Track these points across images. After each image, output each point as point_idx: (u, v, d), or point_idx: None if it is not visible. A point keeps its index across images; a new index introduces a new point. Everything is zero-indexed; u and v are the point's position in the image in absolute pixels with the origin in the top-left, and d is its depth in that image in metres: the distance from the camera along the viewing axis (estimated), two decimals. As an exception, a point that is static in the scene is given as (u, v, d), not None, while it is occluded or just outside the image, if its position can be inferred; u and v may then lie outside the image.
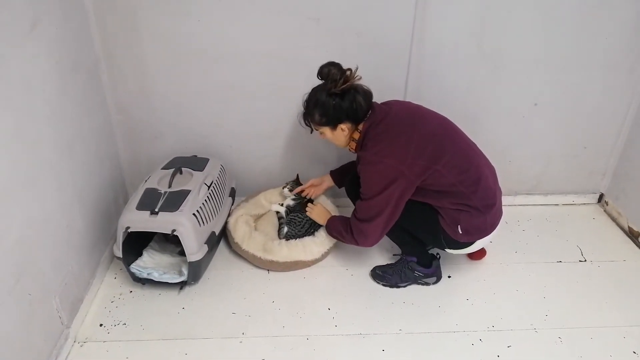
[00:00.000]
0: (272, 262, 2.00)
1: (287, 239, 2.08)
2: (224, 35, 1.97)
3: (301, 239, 2.05)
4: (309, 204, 2.13)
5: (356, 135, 1.78)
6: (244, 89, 2.11)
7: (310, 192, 2.20)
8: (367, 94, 1.74)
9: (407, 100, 2.15)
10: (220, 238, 2.10)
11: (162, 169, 2.05)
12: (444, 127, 1.77)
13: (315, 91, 1.75)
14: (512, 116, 2.27)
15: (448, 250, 1.86)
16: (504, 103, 2.24)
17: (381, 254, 2.14)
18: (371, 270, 2.03)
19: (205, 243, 1.88)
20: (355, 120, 1.75)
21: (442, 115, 1.81)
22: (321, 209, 2.08)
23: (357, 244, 1.82)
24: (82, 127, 1.84)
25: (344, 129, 1.76)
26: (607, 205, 2.50)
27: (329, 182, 2.19)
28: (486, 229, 1.78)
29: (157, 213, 1.78)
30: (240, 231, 2.07)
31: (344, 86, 1.67)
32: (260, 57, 2.03)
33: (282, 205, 2.28)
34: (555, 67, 2.14)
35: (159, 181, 1.96)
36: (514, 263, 2.11)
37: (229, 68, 2.05)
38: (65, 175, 1.70)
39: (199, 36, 1.97)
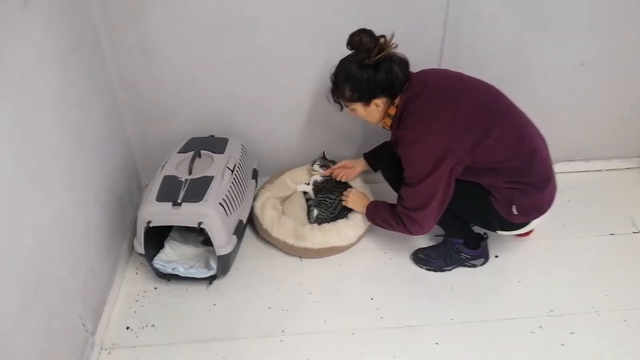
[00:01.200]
0: (305, 249, 1.84)
1: (319, 223, 1.91)
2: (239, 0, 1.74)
3: (334, 223, 1.89)
4: (345, 191, 1.95)
5: (392, 111, 1.59)
6: (262, 61, 1.89)
7: (341, 174, 2.02)
8: (404, 63, 1.53)
9: (442, 67, 1.96)
10: (247, 225, 1.93)
11: (178, 152, 1.86)
12: (490, 94, 1.58)
13: (344, 63, 1.55)
14: (557, 78, 2.07)
15: (499, 232, 1.70)
16: (550, 64, 2.03)
17: (422, 235, 1.98)
18: (412, 254, 1.88)
19: (233, 234, 1.71)
20: (391, 95, 1.55)
21: (485, 82, 1.61)
22: (357, 195, 1.91)
23: (410, 234, 1.65)
24: (89, 111, 1.64)
25: (378, 105, 1.56)
26: (655, 168, 2.33)
27: (362, 165, 2.00)
28: (543, 206, 1.61)
29: (180, 204, 1.61)
30: (268, 216, 1.90)
31: (378, 56, 1.46)
32: (280, 23, 1.80)
33: (308, 184, 2.10)
34: (606, 21, 1.92)
35: (177, 167, 1.77)
36: (563, 238, 1.96)
37: (245, 37, 1.82)
38: (76, 167, 1.51)
39: (212, 1, 1.73)
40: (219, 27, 1.79)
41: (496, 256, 1.88)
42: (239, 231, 1.75)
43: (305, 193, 2.09)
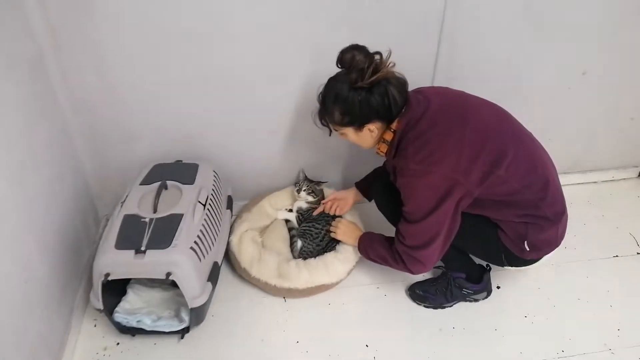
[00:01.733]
0: (289, 289, 1.64)
1: (304, 258, 1.71)
2: (209, 6, 1.50)
3: (322, 257, 1.69)
4: (335, 220, 1.75)
5: (388, 136, 1.40)
6: (236, 75, 1.66)
7: (333, 207, 1.81)
8: (402, 85, 1.34)
9: (436, 81, 1.78)
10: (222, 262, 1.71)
11: (141, 184, 1.62)
12: (498, 116, 1.41)
13: (334, 83, 1.34)
14: (557, 88, 1.93)
15: (507, 268, 1.54)
16: (550, 74, 1.88)
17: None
18: (409, 289, 1.70)
19: (208, 280, 1.49)
20: (387, 119, 1.36)
21: (490, 102, 1.43)
22: (347, 226, 1.71)
23: (411, 273, 1.47)
24: (31, 141, 1.38)
25: (372, 130, 1.37)
26: (656, 180, 2.23)
27: (355, 195, 1.80)
28: (557, 240, 1.46)
29: (143, 252, 1.37)
30: (247, 253, 1.69)
31: (372, 78, 1.26)
32: (257, 33, 1.58)
33: (290, 210, 1.90)
34: (609, 29, 1.79)
35: (140, 203, 1.53)
36: (567, 262, 1.82)
37: (217, 49, 1.59)
38: (17, 212, 1.26)
39: (176, 9, 1.49)
40: (185, 39, 1.55)
41: (498, 287, 1.72)
42: (214, 275, 1.53)
43: (287, 221, 1.87)
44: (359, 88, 1.29)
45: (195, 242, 1.44)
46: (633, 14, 1.76)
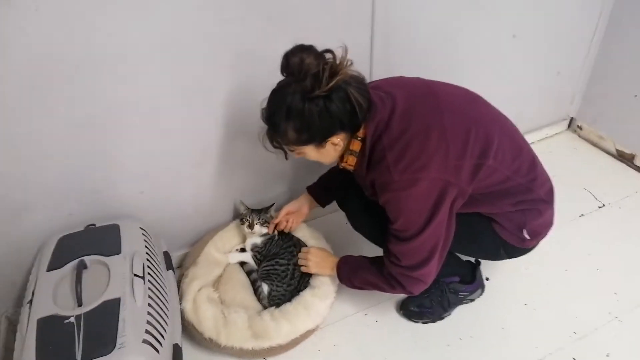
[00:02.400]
0: (270, 349, 1.35)
1: (277, 305, 1.43)
2: (90, 30, 1.13)
3: (298, 298, 1.42)
4: (302, 251, 1.49)
5: (356, 146, 1.16)
6: (142, 104, 1.31)
7: (288, 225, 1.55)
8: (362, 84, 1.10)
9: (374, 63, 1.58)
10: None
11: (48, 270, 1.22)
12: (470, 98, 1.24)
13: (282, 95, 1.07)
14: (492, 56, 1.84)
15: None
16: (484, 42, 1.77)
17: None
18: (401, 308, 1.50)
19: (173, 372, 1.16)
20: (352, 128, 1.13)
21: (451, 84, 1.26)
22: (319, 254, 1.47)
23: (412, 294, 1.26)
24: None
25: (336, 143, 1.13)
26: (581, 130, 2.25)
27: (309, 203, 1.54)
28: (552, 220, 1.34)
29: (81, 367, 1.01)
30: (207, 319, 1.36)
31: (331, 83, 1.01)
32: (158, 49, 1.24)
33: (242, 250, 1.60)
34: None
35: (56, 297, 1.15)
36: (541, 234, 1.74)
37: (111, 77, 1.22)
38: None
39: (47, 35, 1.10)
40: (68, 68, 1.17)
41: (487, 279, 1.59)
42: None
43: (243, 264, 1.57)
44: (314, 97, 1.03)
45: (147, 331, 1.10)
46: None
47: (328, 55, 1.03)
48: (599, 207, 1.86)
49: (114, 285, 1.16)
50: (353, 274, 1.34)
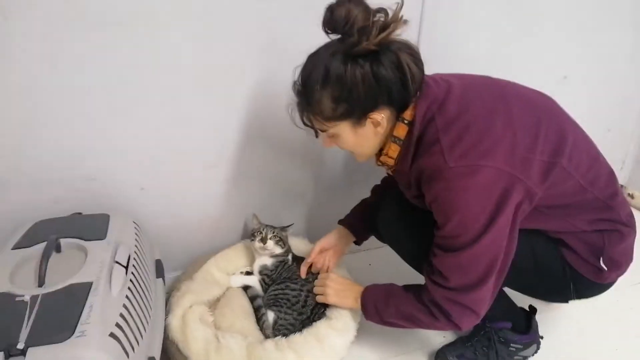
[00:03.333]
0: (271, 386, 1.06)
1: (284, 335, 1.15)
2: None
3: (310, 329, 1.15)
4: (320, 277, 1.24)
5: (401, 131, 0.98)
6: (157, 78, 1.17)
7: (325, 263, 1.30)
8: (416, 52, 0.94)
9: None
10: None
11: (14, 248, 1.00)
12: (544, 96, 1.05)
13: (320, 56, 0.92)
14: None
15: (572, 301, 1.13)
16: (532, 78, 1.64)
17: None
18: (437, 357, 1.20)
19: (142, 390, 0.88)
20: (400, 103, 0.95)
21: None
22: (340, 282, 1.21)
23: (458, 329, 0.99)
24: None
25: (378, 122, 0.95)
26: (632, 198, 2.03)
27: (345, 237, 1.30)
28: (632, 252, 1.09)
29: (22, 352, 0.75)
30: (197, 340, 1.09)
31: (381, 36, 0.86)
32: (185, 14, 1.13)
33: (248, 273, 1.35)
34: (587, 28, 1.63)
35: (15, 275, 0.92)
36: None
37: (129, 37, 1.10)
38: None
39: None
40: (84, 24, 1.05)
41: (541, 337, 1.29)
42: (151, 380, 0.92)
43: (246, 288, 1.31)
44: (358, 57, 0.88)
45: (117, 324, 0.84)
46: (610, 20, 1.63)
47: (379, 14, 0.89)
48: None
49: (87, 270, 0.93)
50: (383, 305, 1.08)
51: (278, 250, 1.31)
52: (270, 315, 1.20)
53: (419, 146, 0.96)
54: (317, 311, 1.21)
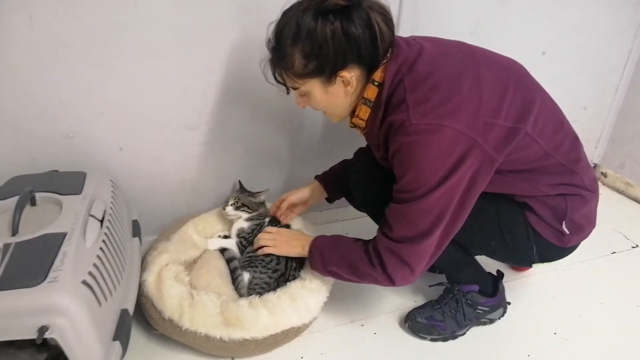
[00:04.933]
0: (243, 341, 1.08)
1: (258, 294, 1.17)
2: None
3: (284, 289, 1.17)
4: (266, 231, 1.27)
5: (371, 93, 0.99)
6: (136, 37, 1.16)
7: (289, 215, 1.33)
8: (387, 12, 0.95)
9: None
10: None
11: (-11, 200, 1.01)
12: (516, 64, 1.07)
13: (293, 12, 0.93)
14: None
15: (534, 265, 1.17)
16: (512, 52, 1.66)
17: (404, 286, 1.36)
18: (407, 319, 1.24)
19: (114, 339, 0.90)
20: (370, 63, 0.96)
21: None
22: (286, 234, 1.24)
23: (392, 284, 1.00)
24: None
25: (348, 81, 0.96)
26: (605, 177, 2.08)
27: (316, 193, 1.33)
28: (595, 217, 1.13)
29: (-8, 295, 0.76)
30: (171, 297, 1.11)
31: None
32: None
33: (227, 237, 1.37)
34: (566, 4, 1.65)
35: (-13, 225, 0.92)
36: (567, 264, 1.50)
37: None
38: None
39: None
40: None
41: (509, 303, 1.33)
42: (124, 331, 0.94)
43: (223, 251, 1.33)
44: (329, 12, 0.89)
45: (90, 273, 0.86)
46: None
47: None
48: (632, 247, 1.64)
49: (62, 221, 0.94)
50: (329, 252, 1.10)
51: (244, 215, 1.33)
52: (246, 276, 1.22)
53: (388, 107, 0.98)
54: (291, 271, 1.23)
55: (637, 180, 1.96)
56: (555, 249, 1.09)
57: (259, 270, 1.22)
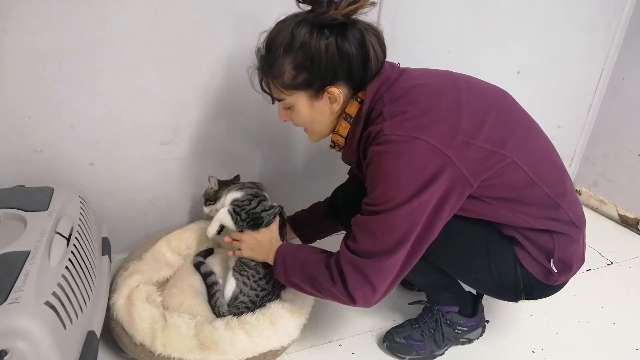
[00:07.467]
0: (218, 365, 1.04)
1: (236, 314, 1.13)
2: None
3: (264, 310, 1.14)
4: (232, 235, 1.20)
5: (353, 109, 0.98)
6: (114, 44, 1.14)
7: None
8: (381, 35, 0.96)
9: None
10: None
11: (-53, 217, 0.95)
12: (500, 91, 1.05)
13: (287, 22, 0.93)
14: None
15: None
16: (487, 71, 1.68)
17: (383, 302, 1.33)
18: (385, 339, 1.21)
19: (80, 363, 0.85)
20: (357, 81, 0.95)
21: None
22: (256, 236, 1.17)
23: (352, 302, 0.95)
24: None
25: (335, 97, 0.95)
26: (579, 194, 2.12)
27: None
28: (584, 253, 1.11)
29: (-53, 320, 0.71)
30: (142, 320, 1.06)
31: (349, 8, 0.88)
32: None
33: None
34: (541, 26, 1.69)
35: (-57, 243, 0.87)
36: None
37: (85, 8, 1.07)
38: None
39: None
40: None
41: (487, 321, 1.32)
42: (90, 356, 0.89)
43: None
44: (326, 27, 0.89)
45: (54, 294, 0.81)
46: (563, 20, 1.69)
47: None
48: (607, 264, 1.66)
49: (25, 239, 0.89)
50: (291, 263, 1.06)
51: (216, 206, 1.25)
52: (231, 285, 1.16)
53: (367, 122, 0.97)
54: (278, 285, 1.19)
55: (610, 198, 2.00)
56: (542, 287, 1.05)
57: (249, 285, 1.16)
